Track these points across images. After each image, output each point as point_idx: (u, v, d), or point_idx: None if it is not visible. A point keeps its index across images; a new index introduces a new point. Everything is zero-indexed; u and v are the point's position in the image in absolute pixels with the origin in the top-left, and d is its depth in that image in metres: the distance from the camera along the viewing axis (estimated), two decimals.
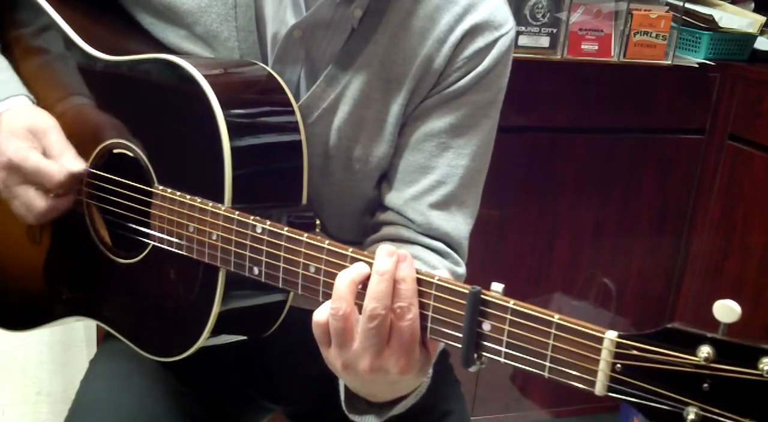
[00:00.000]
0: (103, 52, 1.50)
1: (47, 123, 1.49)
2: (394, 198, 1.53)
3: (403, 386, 1.23)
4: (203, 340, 1.39)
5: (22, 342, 2.91)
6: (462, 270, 1.54)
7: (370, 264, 1.15)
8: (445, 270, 1.46)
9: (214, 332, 1.39)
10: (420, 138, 1.51)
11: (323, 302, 1.24)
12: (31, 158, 1.43)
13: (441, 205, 1.52)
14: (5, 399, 2.95)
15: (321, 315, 1.18)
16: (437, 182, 1.51)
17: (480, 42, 1.49)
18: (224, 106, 1.33)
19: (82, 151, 1.51)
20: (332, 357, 1.19)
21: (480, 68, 1.49)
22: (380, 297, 1.12)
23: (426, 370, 1.20)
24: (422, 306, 1.14)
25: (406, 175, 1.52)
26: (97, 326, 2.54)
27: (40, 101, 1.58)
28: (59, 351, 2.96)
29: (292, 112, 1.43)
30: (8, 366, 2.92)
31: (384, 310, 1.11)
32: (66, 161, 1.45)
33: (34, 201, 1.47)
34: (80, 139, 1.53)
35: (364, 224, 1.61)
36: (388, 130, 1.51)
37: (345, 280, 1.15)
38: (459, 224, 1.53)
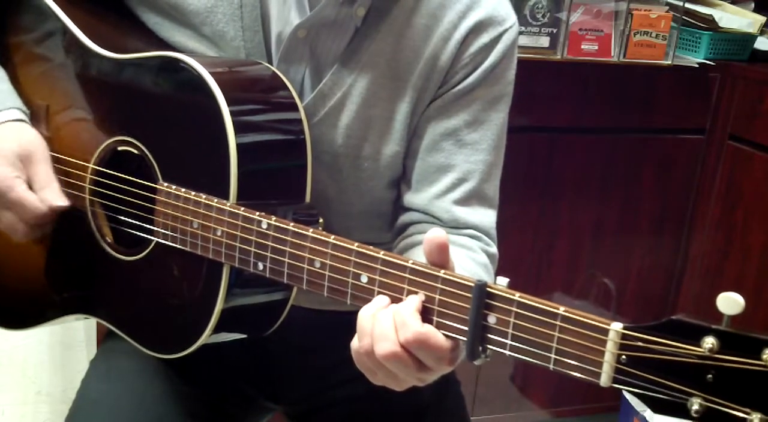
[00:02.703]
0: (108, 50, 1.51)
1: (36, 149, 1.50)
2: (416, 199, 1.54)
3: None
4: (205, 337, 1.40)
5: (22, 342, 2.91)
6: (494, 250, 1.54)
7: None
8: (478, 248, 1.47)
9: (217, 329, 1.39)
10: (436, 138, 1.52)
11: (328, 297, 1.25)
12: (15, 189, 1.46)
13: (464, 201, 1.52)
14: (5, 399, 2.95)
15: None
16: (458, 180, 1.51)
17: (485, 38, 1.49)
18: (230, 103, 1.33)
19: (87, 149, 1.52)
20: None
21: (486, 64, 1.50)
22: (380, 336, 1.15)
23: (457, 356, 1.20)
24: (428, 300, 1.14)
25: (427, 175, 1.53)
26: (98, 326, 2.54)
27: (43, 100, 1.59)
28: (59, 351, 2.96)
29: (297, 111, 1.43)
30: (8, 366, 2.92)
31: (392, 346, 1.13)
32: (47, 196, 1.47)
33: (15, 226, 1.49)
34: (85, 136, 1.54)
35: (370, 225, 1.61)
36: (397, 128, 1.51)
37: (366, 315, 1.18)
38: (483, 216, 1.54)
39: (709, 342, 0.91)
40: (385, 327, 1.13)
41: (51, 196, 1.47)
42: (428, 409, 1.66)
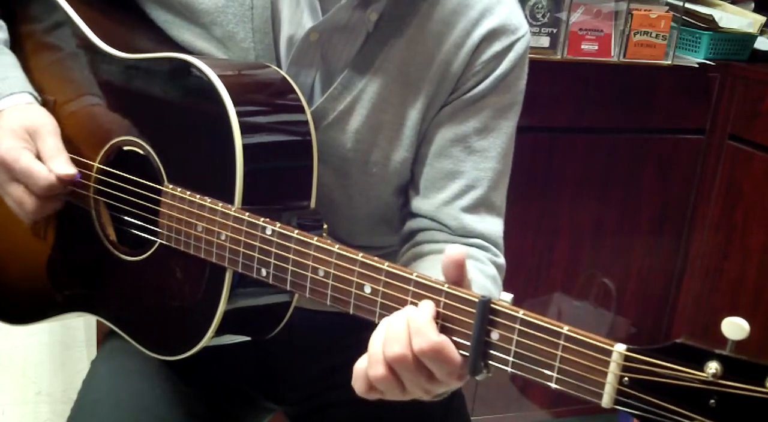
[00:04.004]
0: (116, 49, 1.51)
1: (45, 124, 1.50)
2: (424, 205, 1.54)
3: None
4: (207, 339, 1.40)
5: (22, 342, 2.91)
6: (502, 260, 1.55)
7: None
8: (486, 259, 1.48)
9: (219, 332, 1.40)
10: (445, 144, 1.52)
11: (331, 306, 1.25)
12: (23, 159, 1.44)
13: (472, 209, 1.52)
14: (5, 399, 2.96)
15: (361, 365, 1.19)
16: (467, 187, 1.52)
17: (497, 46, 1.50)
18: (237, 106, 1.34)
19: (92, 148, 1.53)
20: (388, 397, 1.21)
21: (498, 72, 1.51)
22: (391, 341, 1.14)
23: (466, 372, 1.19)
24: None
25: (435, 181, 1.53)
26: (98, 326, 2.54)
27: (50, 95, 1.59)
28: (59, 351, 2.97)
29: (304, 114, 1.43)
30: (8, 366, 2.92)
31: (401, 349, 1.13)
32: (55, 165, 1.46)
33: (23, 200, 1.48)
34: (90, 135, 1.54)
35: (375, 230, 1.62)
36: (407, 134, 1.52)
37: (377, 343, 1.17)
38: (491, 225, 1.54)
39: (713, 367, 0.91)
40: (398, 330, 1.13)
41: (59, 165, 1.46)
42: (428, 410, 1.66)
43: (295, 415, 1.78)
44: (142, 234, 1.48)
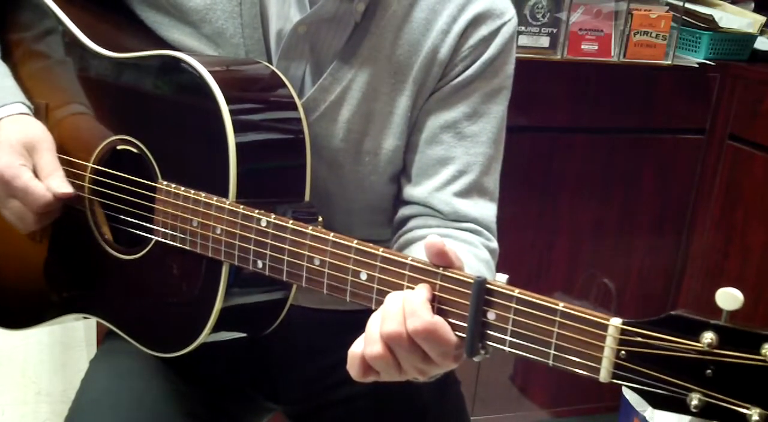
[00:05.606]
0: (107, 49, 1.51)
1: (42, 139, 1.50)
2: (417, 192, 1.54)
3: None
4: (205, 336, 1.40)
5: (22, 342, 2.91)
6: (495, 245, 1.54)
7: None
8: (479, 244, 1.47)
9: (216, 328, 1.39)
10: (435, 130, 1.52)
11: (327, 295, 1.25)
12: (21, 177, 1.45)
13: (464, 194, 1.52)
14: (5, 399, 2.95)
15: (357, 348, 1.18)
16: (459, 172, 1.52)
17: (484, 30, 1.50)
18: (230, 102, 1.34)
19: (86, 148, 1.52)
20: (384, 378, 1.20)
21: (485, 56, 1.50)
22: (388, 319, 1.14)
23: (461, 354, 1.18)
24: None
25: (427, 168, 1.53)
26: (97, 326, 2.54)
27: (43, 99, 1.59)
28: (59, 351, 2.96)
29: (296, 110, 1.44)
30: (8, 366, 2.92)
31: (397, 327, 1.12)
32: (53, 184, 1.47)
33: (20, 214, 1.49)
34: (84, 136, 1.54)
35: (371, 222, 1.61)
36: (397, 122, 1.51)
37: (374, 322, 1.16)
38: (483, 209, 1.54)
39: (708, 337, 0.91)
40: (394, 311, 1.13)
41: (56, 183, 1.46)
42: (428, 409, 1.66)
43: (294, 414, 1.78)
44: (138, 233, 1.47)
